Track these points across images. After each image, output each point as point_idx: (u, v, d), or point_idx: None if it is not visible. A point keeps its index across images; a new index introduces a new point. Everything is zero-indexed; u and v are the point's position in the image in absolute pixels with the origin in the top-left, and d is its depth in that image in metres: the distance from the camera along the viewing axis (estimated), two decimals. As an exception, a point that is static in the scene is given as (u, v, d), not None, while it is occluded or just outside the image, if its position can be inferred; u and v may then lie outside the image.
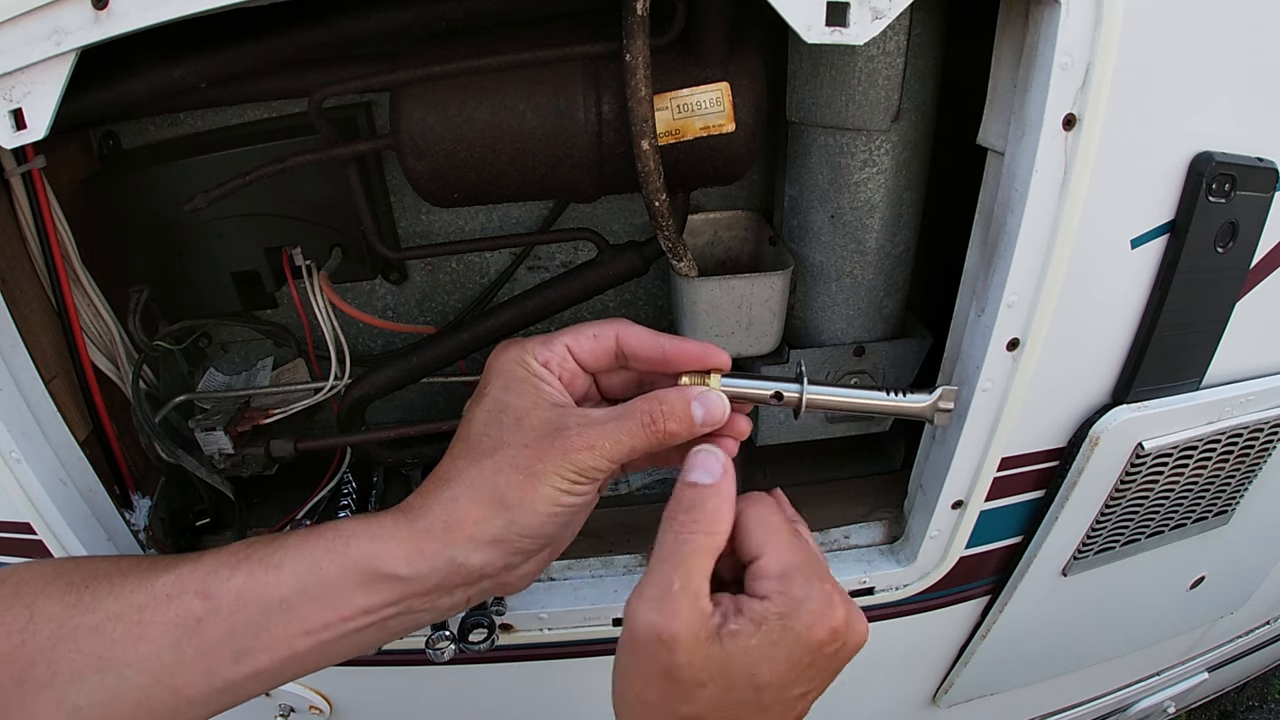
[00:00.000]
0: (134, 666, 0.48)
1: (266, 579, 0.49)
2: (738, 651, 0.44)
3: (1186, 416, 0.81)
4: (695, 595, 0.45)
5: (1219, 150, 0.68)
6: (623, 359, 0.56)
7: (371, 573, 0.49)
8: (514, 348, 0.55)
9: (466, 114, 0.68)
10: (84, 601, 0.48)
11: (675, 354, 0.54)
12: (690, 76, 0.68)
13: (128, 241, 0.84)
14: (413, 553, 0.49)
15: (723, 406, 0.52)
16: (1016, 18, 0.61)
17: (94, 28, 0.51)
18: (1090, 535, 0.89)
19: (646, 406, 0.51)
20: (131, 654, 0.48)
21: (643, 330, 0.55)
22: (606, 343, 0.55)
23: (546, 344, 0.55)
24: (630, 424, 0.50)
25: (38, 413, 0.72)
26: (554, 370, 0.54)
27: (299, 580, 0.49)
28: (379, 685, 1.03)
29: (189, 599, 0.48)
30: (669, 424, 0.50)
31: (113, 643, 0.47)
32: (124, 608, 0.48)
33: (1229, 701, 2.27)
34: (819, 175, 0.79)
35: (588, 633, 0.90)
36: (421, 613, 0.52)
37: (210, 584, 0.48)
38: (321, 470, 0.95)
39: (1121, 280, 0.73)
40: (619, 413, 0.51)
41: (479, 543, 0.49)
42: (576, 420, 0.50)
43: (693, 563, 0.46)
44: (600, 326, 0.56)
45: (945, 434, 0.79)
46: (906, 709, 1.20)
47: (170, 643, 0.48)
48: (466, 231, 0.96)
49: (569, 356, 0.55)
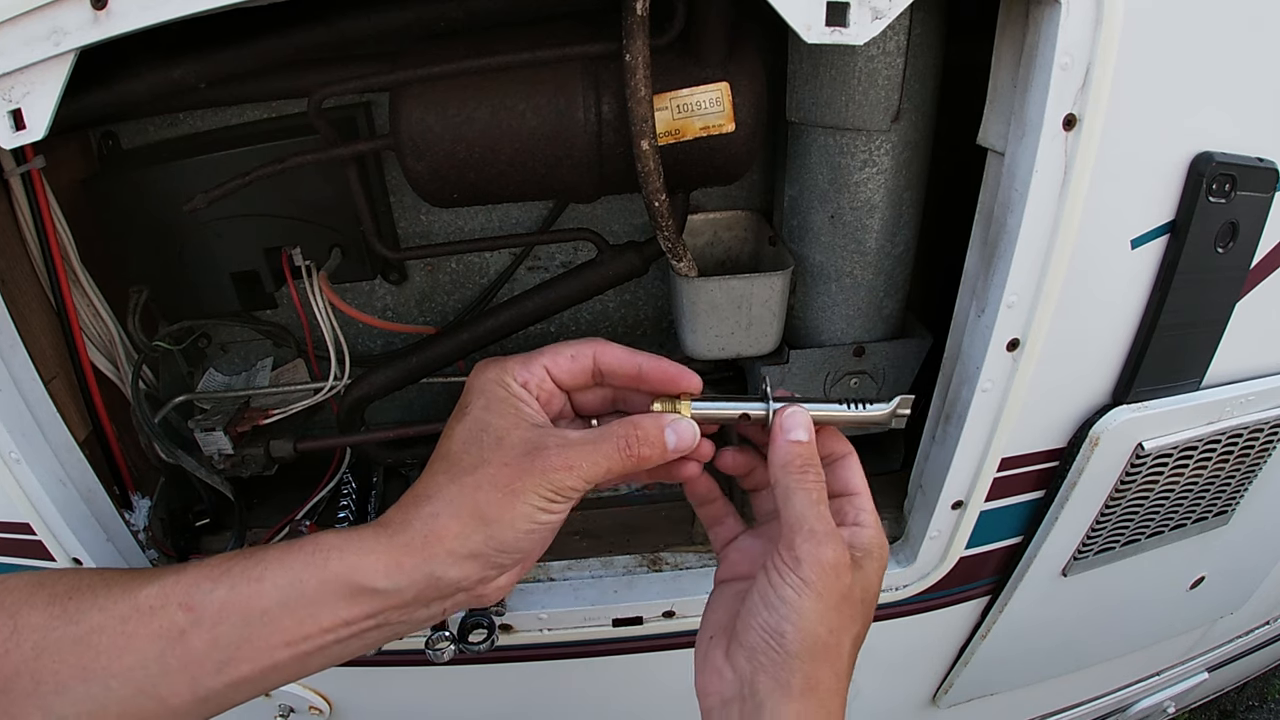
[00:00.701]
0: (119, 677, 0.49)
1: (248, 591, 0.50)
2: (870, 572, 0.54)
3: (1186, 417, 0.81)
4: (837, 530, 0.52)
5: (1219, 150, 0.68)
6: (599, 377, 0.58)
7: (351, 586, 0.50)
8: (494, 367, 0.57)
9: (466, 114, 0.67)
10: (68, 613, 0.49)
11: (651, 372, 0.57)
12: (690, 76, 0.67)
13: (128, 241, 0.84)
14: (392, 566, 0.51)
15: (693, 433, 0.55)
16: (1016, 18, 0.61)
17: (93, 28, 0.51)
18: (1090, 535, 0.89)
19: (623, 431, 0.53)
20: (116, 665, 0.48)
21: (619, 349, 0.58)
22: (584, 362, 0.57)
23: (525, 364, 0.57)
24: (607, 447, 0.52)
25: (37, 413, 0.72)
26: (532, 390, 0.56)
27: (280, 593, 0.50)
28: (379, 685, 1.03)
29: (173, 611, 0.49)
30: (643, 449, 0.53)
31: (97, 654, 0.48)
32: (107, 619, 0.49)
33: (1229, 701, 2.27)
34: (819, 175, 0.79)
35: (587, 633, 0.90)
36: (399, 624, 0.53)
37: (194, 596, 0.49)
38: (321, 470, 0.95)
39: (1121, 280, 0.73)
40: (596, 436, 0.53)
41: (458, 556, 0.51)
42: (555, 441, 0.53)
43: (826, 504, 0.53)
44: (578, 346, 0.58)
45: (945, 434, 0.79)
46: (906, 709, 1.20)
47: (155, 654, 0.49)
48: (466, 231, 0.96)
49: (547, 377, 0.57)
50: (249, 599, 0.50)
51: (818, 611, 0.49)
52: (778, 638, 0.50)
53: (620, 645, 0.94)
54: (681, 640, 0.93)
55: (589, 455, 0.52)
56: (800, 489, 0.52)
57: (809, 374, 0.86)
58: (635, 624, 0.90)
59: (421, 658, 0.83)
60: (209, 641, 0.49)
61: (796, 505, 0.52)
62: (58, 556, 0.76)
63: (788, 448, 0.54)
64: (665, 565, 0.92)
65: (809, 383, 0.87)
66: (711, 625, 0.57)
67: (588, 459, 0.52)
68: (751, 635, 0.51)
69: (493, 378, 0.56)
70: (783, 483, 0.53)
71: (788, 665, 0.49)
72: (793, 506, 0.52)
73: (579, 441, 0.52)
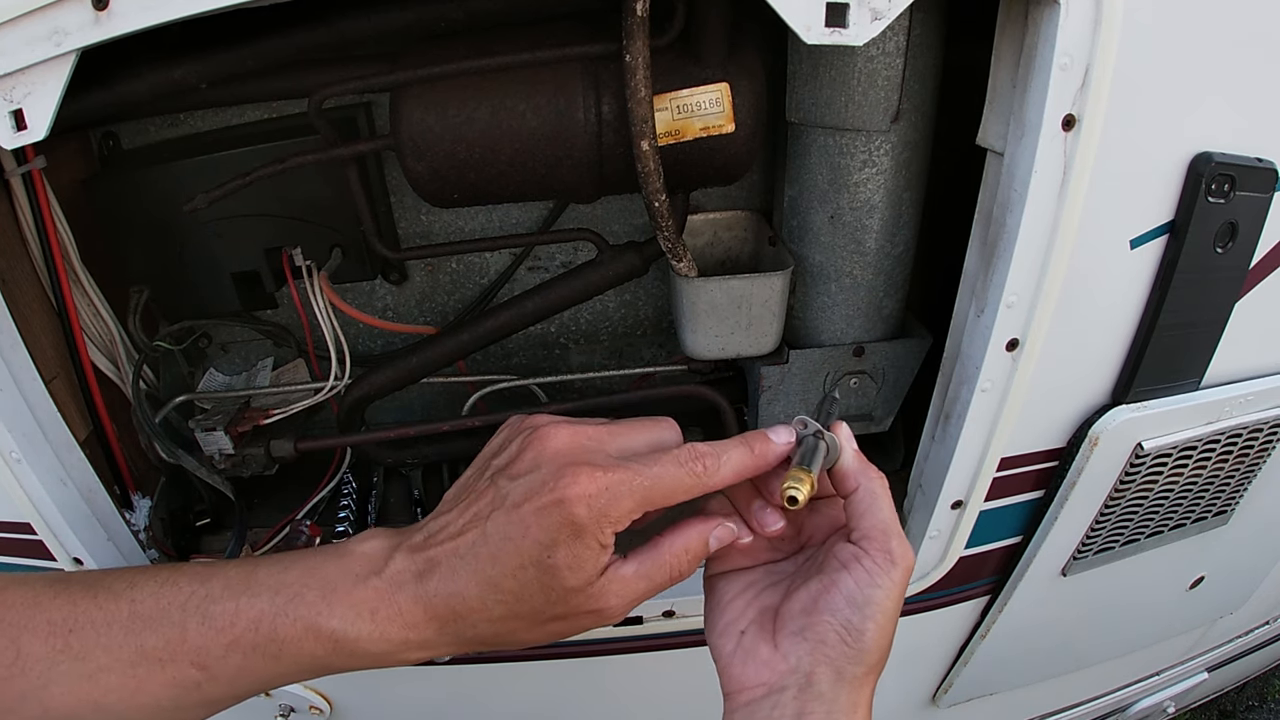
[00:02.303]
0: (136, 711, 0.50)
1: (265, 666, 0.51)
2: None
3: (1186, 417, 0.81)
4: None
5: (1218, 150, 0.68)
6: None
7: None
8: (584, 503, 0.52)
9: (466, 115, 0.68)
10: (71, 649, 0.49)
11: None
12: (690, 77, 0.68)
13: (128, 241, 0.84)
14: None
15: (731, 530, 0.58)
16: (1016, 18, 0.61)
17: (94, 28, 0.52)
18: (1090, 535, 0.89)
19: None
20: (129, 703, 0.49)
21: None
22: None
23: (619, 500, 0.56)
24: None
25: (38, 413, 0.72)
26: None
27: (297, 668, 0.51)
28: (379, 685, 1.03)
29: (184, 667, 0.50)
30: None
31: (107, 691, 0.49)
32: (114, 662, 0.49)
33: (1229, 701, 2.27)
34: (819, 176, 0.79)
35: (588, 633, 0.90)
36: None
37: (206, 659, 0.50)
38: (321, 470, 0.95)
39: (1121, 280, 0.73)
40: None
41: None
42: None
43: None
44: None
45: (945, 434, 0.79)
46: (906, 709, 1.20)
47: (170, 700, 0.50)
48: (466, 231, 0.96)
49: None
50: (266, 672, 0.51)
51: (894, 615, 0.52)
52: (857, 635, 0.50)
53: (620, 645, 0.94)
54: (681, 640, 0.93)
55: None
56: (885, 493, 0.55)
57: (809, 374, 0.87)
58: (635, 624, 0.90)
59: (422, 657, 0.83)
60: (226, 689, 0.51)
61: (884, 509, 0.54)
62: (58, 556, 0.76)
63: (858, 456, 0.56)
64: (665, 565, 0.92)
65: (809, 383, 0.87)
66: (739, 618, 0.56)
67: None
68: (823, 628, 0.51)
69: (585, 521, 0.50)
70: (866, 487, 0.55)
71: (858, 660, 0.50)
72: (880, 509, 0.54)
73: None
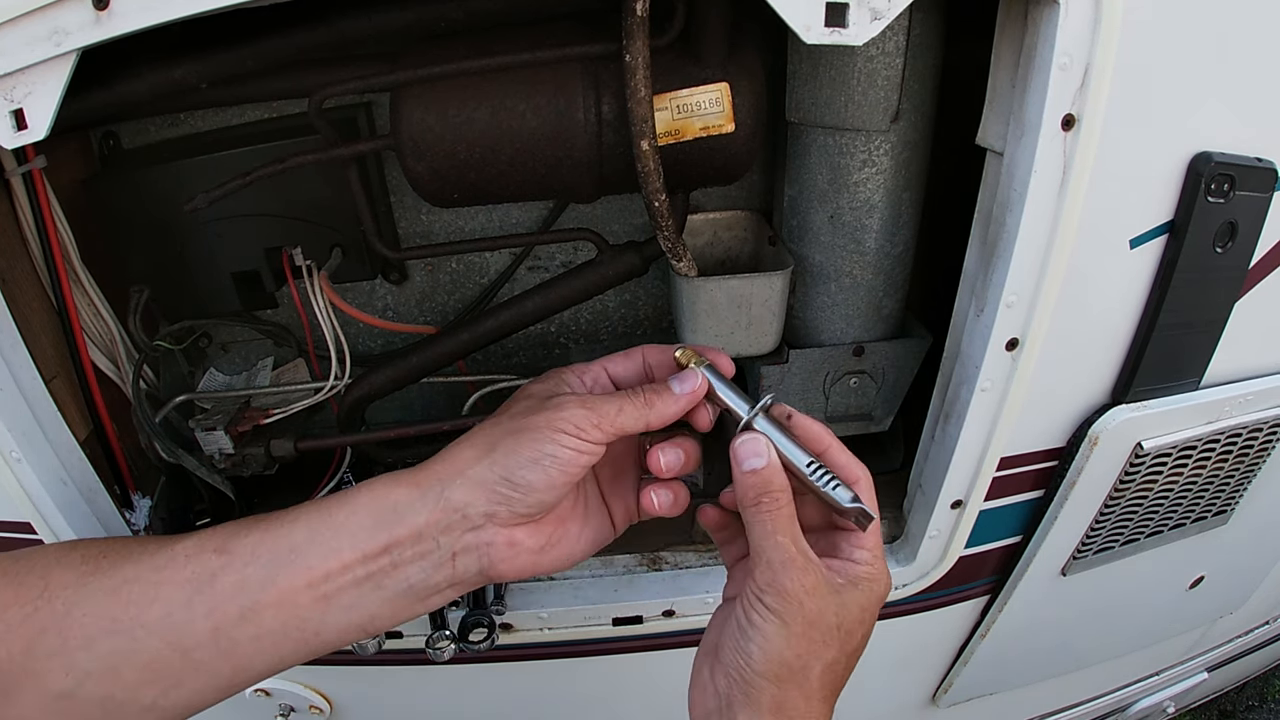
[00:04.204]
0: (146, 627, 0.51)
1: (281, 531, 0.53)
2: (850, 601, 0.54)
3: (1185, 416, 0.81)
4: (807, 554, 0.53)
5: (1218, 150, 0.68)
6: (650, 371, 0.62)
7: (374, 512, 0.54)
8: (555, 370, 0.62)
9: (466, 115, 0.68)
10: (101, 569, 0.52)
11: None
12: (690, 77, 0.68)
13: (128, 241, 0.84)
14: (411, 488, 0.55)
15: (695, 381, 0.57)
16: (1016, 18, 0.61)
17: (94, 28, 0.52)
18: (1089, 535, 0.89)
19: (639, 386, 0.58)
20: (145, 614, 0.51)
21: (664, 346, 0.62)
22: (635, 358, 0.62)
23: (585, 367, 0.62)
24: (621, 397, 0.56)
25: (38, 413, 0.72)
26: (587, 385, 0.61)
27: (309, 528, 0.53)
28: (379, 685, 1.03)
29: (207, 556, 0.52)
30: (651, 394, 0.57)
31: (127, 604, 0.51)
32: (141, 570, 0.52)
33: (1229, 701, 2.27)
34: (818, 175, 0.79)
35: (588, 632, 0.90)
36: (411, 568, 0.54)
37: (229, 541, 0.53)
38: (321, 470, 0.95)
39: (1121, 280, 0.73)
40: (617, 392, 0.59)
41: (468, 480, 0.54)
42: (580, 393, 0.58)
43: (793, 528, 0.53)
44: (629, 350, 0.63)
45: (945, 434, 0.79)
46: (906, 708, 1.20)
47: (182, 600, 0.51)
48: (466, 231, 0.96)
49: (604, 373, 0.62)
50: (280, 538, 0.53)
51: (782, 637, 0.51)
52: (746, 659, 0.52)
53: (620, 644, 0.94)
54: (681, 640, 0.93)
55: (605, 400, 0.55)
56: (755, 521, 0.53)
57: (808, 374, 0.87)
58: (635, 623, 0.90)
59: (422, 657, 0.83)
60: (236, 584, 0.52)
61: (755, 537, 0.53)
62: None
63: (742, 479, 0.55)
64: (665, 564, 0.93)
65: (809, 382, 0.87)
66: (707, 642, 0.58)
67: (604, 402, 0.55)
68: (727, 654, 0.54)
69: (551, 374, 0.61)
70: (744, 515, 0.54)
71: (756, 685, 0.52)
72: (752, 538, 0.54)
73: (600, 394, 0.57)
